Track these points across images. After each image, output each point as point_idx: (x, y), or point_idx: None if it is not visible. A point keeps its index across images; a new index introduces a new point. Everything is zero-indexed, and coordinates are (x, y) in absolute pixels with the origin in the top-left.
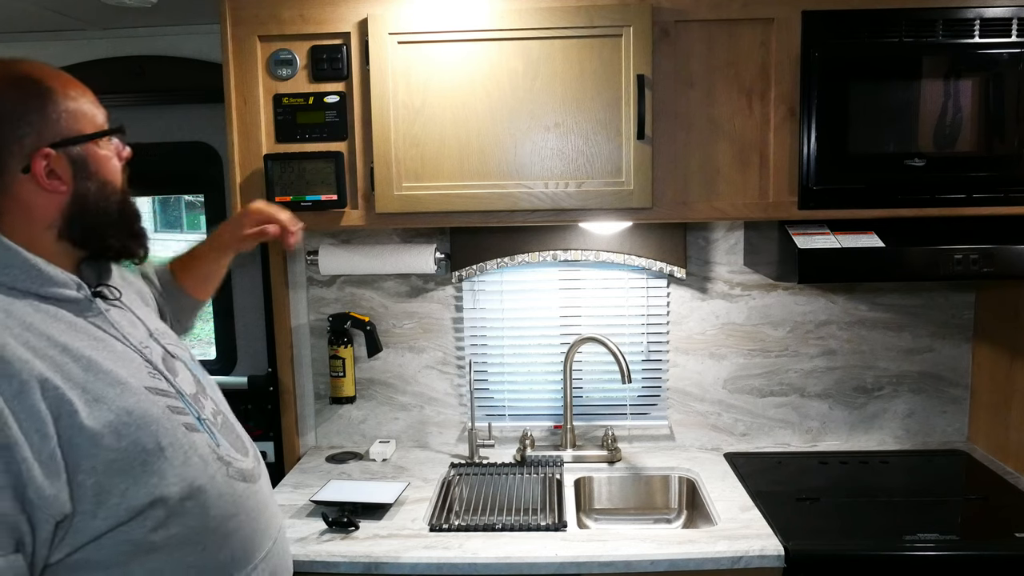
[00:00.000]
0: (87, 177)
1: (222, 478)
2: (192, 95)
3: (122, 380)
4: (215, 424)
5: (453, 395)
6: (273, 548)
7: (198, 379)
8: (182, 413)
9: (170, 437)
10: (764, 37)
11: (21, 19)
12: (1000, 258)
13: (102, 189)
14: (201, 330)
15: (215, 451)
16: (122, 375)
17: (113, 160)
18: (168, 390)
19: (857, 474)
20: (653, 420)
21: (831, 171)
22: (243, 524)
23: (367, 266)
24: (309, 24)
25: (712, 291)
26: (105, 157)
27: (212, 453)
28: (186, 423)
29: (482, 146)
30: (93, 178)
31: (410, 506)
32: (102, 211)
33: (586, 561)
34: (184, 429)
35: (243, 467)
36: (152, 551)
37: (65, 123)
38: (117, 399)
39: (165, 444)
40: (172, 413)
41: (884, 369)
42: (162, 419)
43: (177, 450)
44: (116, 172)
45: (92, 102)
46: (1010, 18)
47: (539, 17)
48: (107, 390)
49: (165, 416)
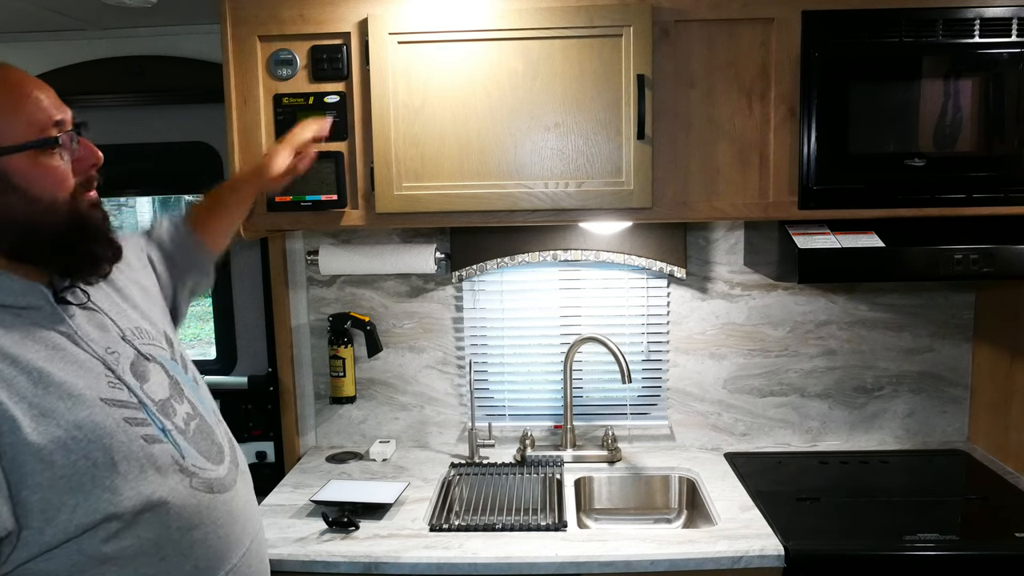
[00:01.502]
0: (7, 191)
1: (184, 490)
2: (192, 95)
3: (75, 392)
4: (185, 432)
5: (453, 395)
6: (243, 559)
7: (176, 381)
8: (142, 424)
9: (124, 451)
10: (764, 37)
11: (21, 19)
12: (1000, 258)
13: (32, 205)
14: (201, 330)
15: (178, 462)
16: (76, 387)
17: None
18: (128, 401)
19: (857, 474)
20: (653, 420)
21: (831, 171)
22: (208, 535)
23: (367, 266)
24: (309, 24)
25: (712, 291)
26: (39, 168)
27: (174, 465)
28: (145, 435)
29: (482, 146)
30: (17, 192)
31: (410, 506)
32: (35, 228)
33: (586, 561)
34: (143, 441)
35: (211, 476)
36: (106, 562)
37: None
38: (67, 413)
39: (119, 458)
40: (129, 425)
41: (884, 369)
42: (116, 432)
43: (132, 464)
44: (58, 185)
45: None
46: (1010, 18)
47: (539, 17)
48: (57, 404)
49: (120, 429)
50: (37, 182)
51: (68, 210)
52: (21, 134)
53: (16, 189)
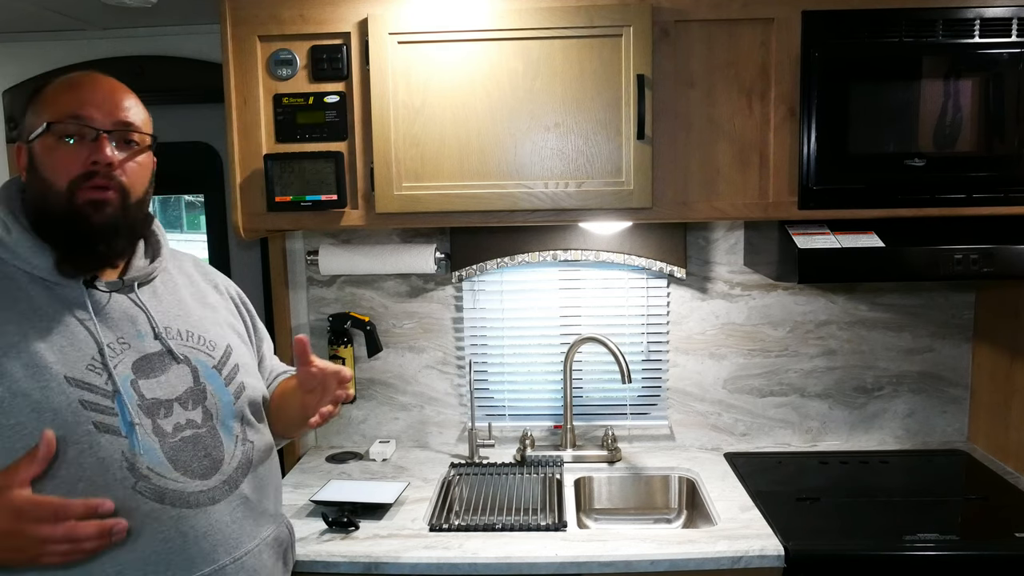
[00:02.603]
0: (32, 170)
1: (122, 490)
2: (192, 95)
3: (41, 364)
4: (163, 436)
5: (453, 395)
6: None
7: (202, 389)
8: (101, 412)
9: (66, 429)
10: (764, 37)
11: (21, 19)
12: (1000, 258)
13: (40, 184)
14: None
15: (127, 459)
16: (47, 360)
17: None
18: (100, 387)
19: (857, 474)
20: (653, 420)
21: (831, 171)
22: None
23: (367, 266)
24: (309, 24)
25: (712, 291)
26: (50, 153)
27: (121, 460)
28: (99, 421)
29: (482, 146)
30: (35, 172)
31: (410, 506)
32: (40, 208)
33: (586, 561)
34: (91, 426)
35: (173, 488)
36: None
37: (32, 120)
38: (21, 380)
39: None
40: (83, 408)
41: (884, 369)
42: (63, 410)
43: (69, 444)
44: (58, 170)
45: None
46: (1010, 18)
47: (539, 17)
48: (14, 368)
49: (70, 409)
50: (46, 166)
51: (64, 199)
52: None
53: (35, 170)
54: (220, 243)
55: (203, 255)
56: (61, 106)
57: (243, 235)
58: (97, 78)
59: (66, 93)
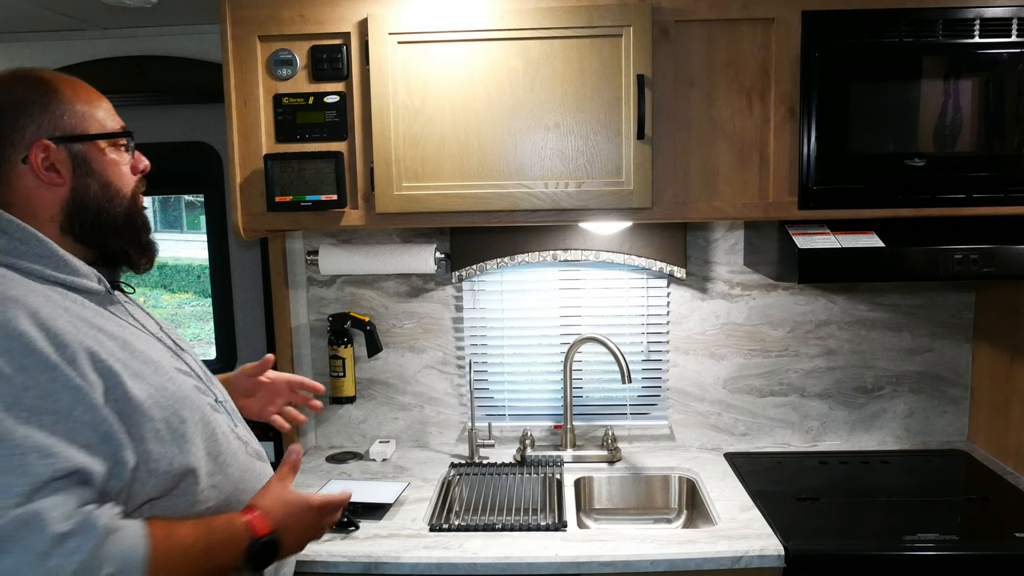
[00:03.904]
0: (87, 175)
1: (243, 456)
2: (192, 95)
3: (154, 359)
4: (228, 408)
5: (453, 395)
6: None
7: (205, 373)
8: (205, 394)
9: (200, 413)
10: (764, 37)
11: (21, 19)
12: (1000, 258)
13: (104, 190)
14: (201, 330)
15: (234, 431)
16: (153, 355)
17: (123, 167)
18: (192, 372)
19: (857, 474)
20: (653, 420)
21: (831, 171)
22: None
23: (367, 266)
24: (309, 24)
25: (712, 291)
26: (112, 161)
27: (232, 432)
28: (210, 403)
29: (482, 146)
30: (94, 177)
31: (410, 506)
32: (103, 211)
33: (586, 561)
34: (209, 408)
35: (257, 448)
36: None
37: (68, 120)
38: (153, 376)
39: (197, 419)
40: (199, 393)
41: (884, 369)
42: (192, 396)
43: (207, 426)
44: (124, 178)
45: (106, 110)
46: (1010, 18)
47: (539, 17)
48: (143, 367)
49: (194, 394)
50: (109, 171)
51: (128, 203)
52: (97, 128)
53: (94, 174)
54: (220, 243)
55: (203, 255)
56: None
57: (243, 235)
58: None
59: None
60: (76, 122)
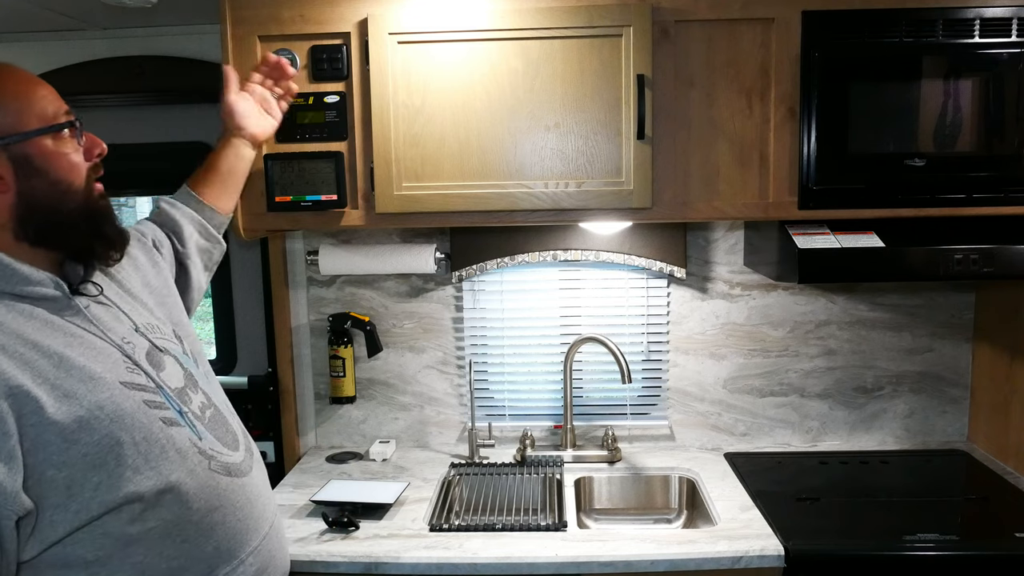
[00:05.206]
0: (32, 175)
1: (203, 472)
2: (192, 95)
3: (95, 375)
4: (201, 418)
5: (453, 395)
6: (263, 543)
7: (189, 373)
8: (160, 407)
9: (145, 431)
10: (764, 37)
11: (21, 19)
12: (1000, 258)
13: (54, 188)
14: (201, 330)
15: (196, 445)
16: (96, 370)
17: (71, 157)
18: (146, 385)
19: (857, 474)
20: (653, 420)
21: (831, 171)
22: (227, 517)
23: (367, 266)
24: (309, 24)
25: (712, 291)
26: (57, 154)
27: (192, 447)
28: (164, 417)
29: (482, 146)
30: (41, 176)
31: (410, 506)
32: (56, 211)
33: (586, 561)
34: (161, 423)
35: (229, 461)
36: (131, 544)
37: (1, 120)
38: (88, 395)
39: (139, 438)
40: (148, 407)
41: (884, 369)
42: (136, 413)
43: (152, 444)
44: (74, 170)
45: (43, 97)
46: (1010, 18)
47: (539, 17)
48: (78, 386)
49: (140, 410)
50: (56, 166)
51: (83, 195)
52: (35, 122)
53: (39, 172)
54: None
55: None
56: (42, 106)
57: (243, 235)
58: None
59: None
60: (10, 121)
